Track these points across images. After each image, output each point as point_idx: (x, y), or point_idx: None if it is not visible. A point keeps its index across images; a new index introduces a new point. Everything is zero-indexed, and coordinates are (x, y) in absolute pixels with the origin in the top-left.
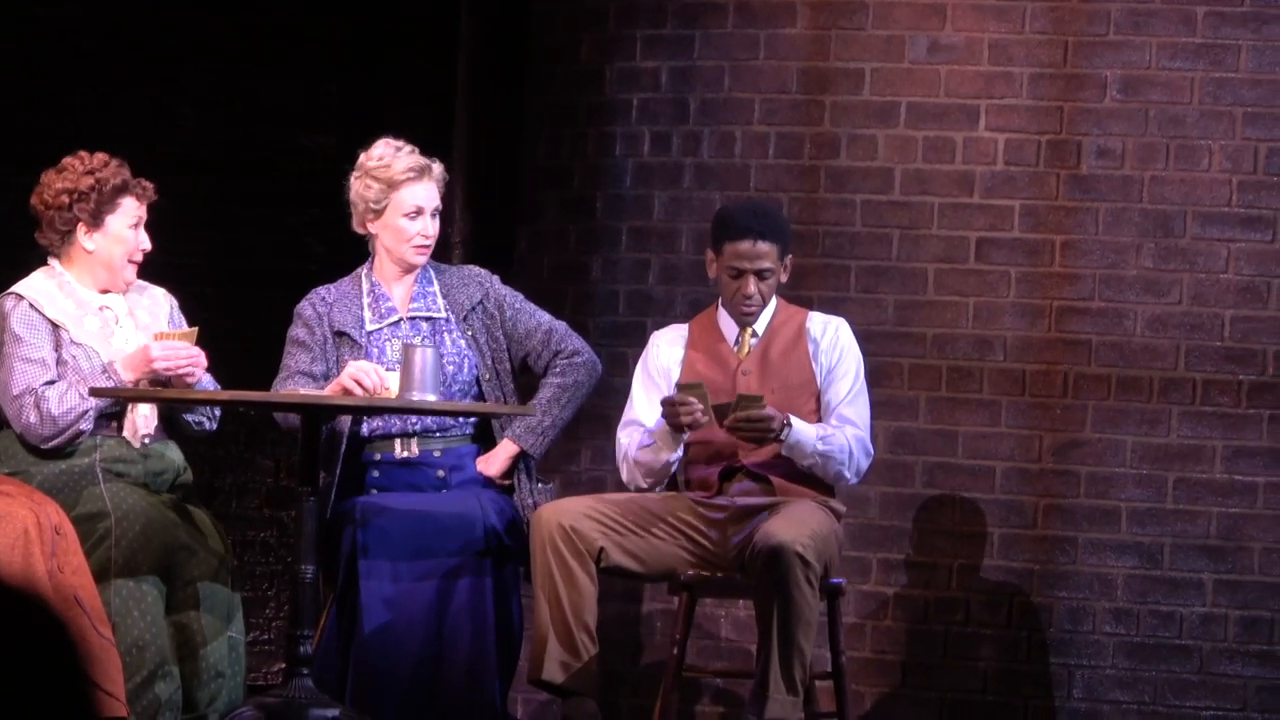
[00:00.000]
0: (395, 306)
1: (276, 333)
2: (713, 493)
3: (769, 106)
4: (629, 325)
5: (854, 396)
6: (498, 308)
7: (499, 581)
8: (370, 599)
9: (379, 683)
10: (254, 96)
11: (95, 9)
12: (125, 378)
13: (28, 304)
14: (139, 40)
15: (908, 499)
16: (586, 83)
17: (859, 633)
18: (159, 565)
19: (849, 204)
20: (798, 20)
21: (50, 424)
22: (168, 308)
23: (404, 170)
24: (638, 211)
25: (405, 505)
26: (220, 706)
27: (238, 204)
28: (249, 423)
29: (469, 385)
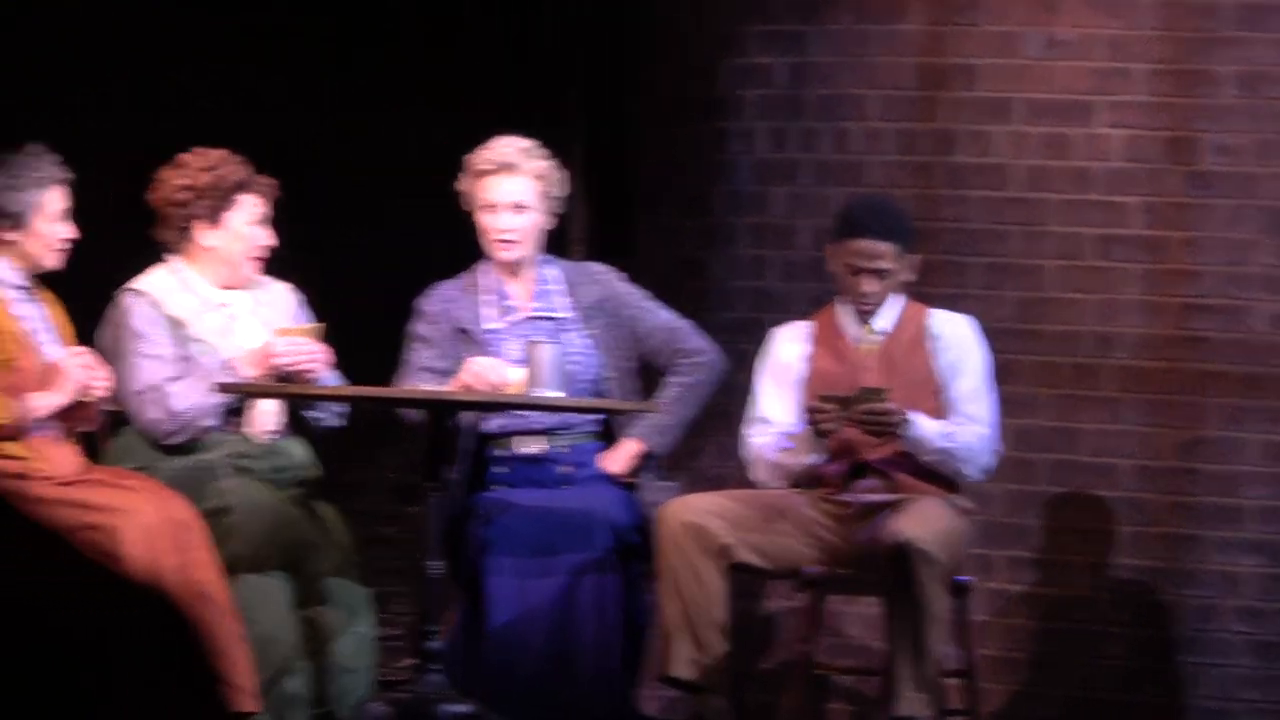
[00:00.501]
0: (516, 306)
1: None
2: (838, 490)
3: (885, 102)
4: (748, 322)
5: (978, 393)
6: (621, 306)
7: (625, 577)
8: (497, 595)
9: (507, 678)
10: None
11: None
12: (247, 374)
13: (147, 301)
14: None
15: (1032, 496)
16: (702, 79)
17: (987, 630)
18: (285, 560)
19: (966, 200)
20: (913, 17)
21: (173, 420)
22: (292, 304)
23: (483, 163)
24: (755, 208)
25: (531, 501)
26: (350, 701)
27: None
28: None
29: (592, 384)
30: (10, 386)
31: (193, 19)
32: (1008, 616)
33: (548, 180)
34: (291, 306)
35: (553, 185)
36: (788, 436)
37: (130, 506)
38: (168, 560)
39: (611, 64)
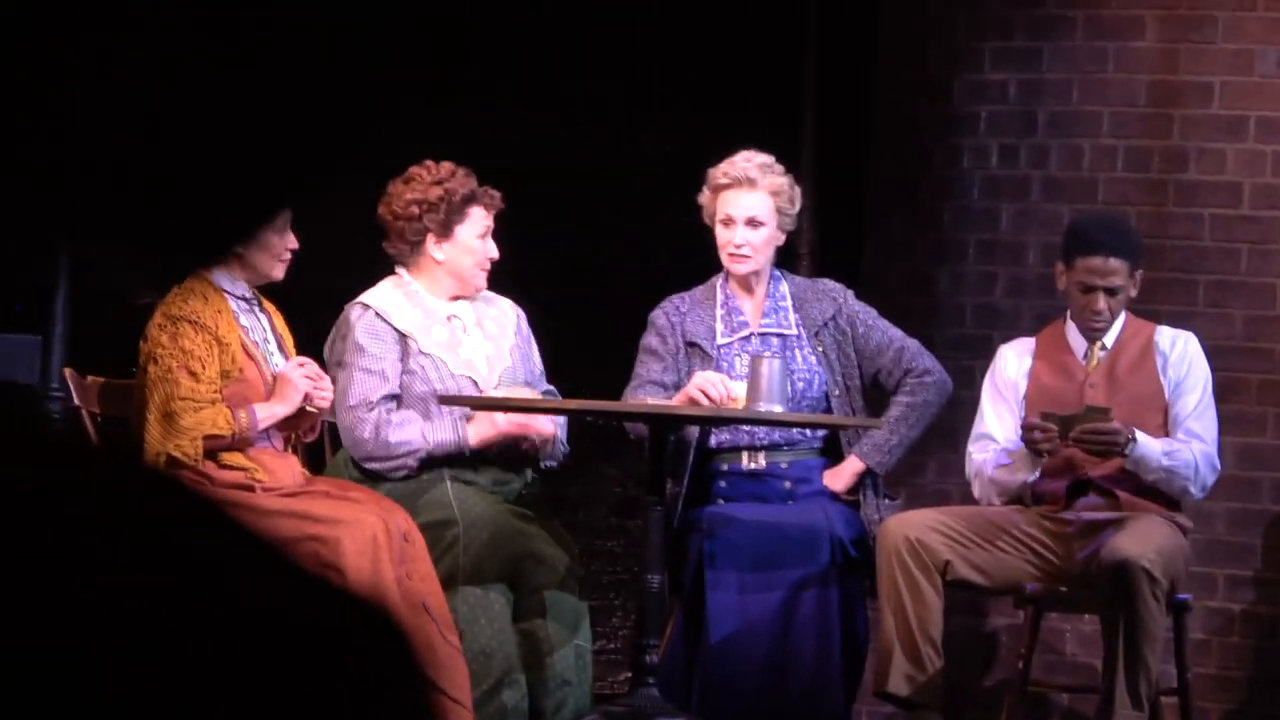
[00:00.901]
0: (747, 320)
1: (622, 341)
2: (1060, 507)
3: (1117, 119)
4: (975, 338)
5: (1201, 411)
6: (850, 324)
7: (844, 593)
8: (717, 609)
9: (724, 692)
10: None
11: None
12: (474, 443)
13: (374, 313)
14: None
15: (1255, 515)
16: (934, 95)
17: (1205, 649)
18: (506, 573)
19: (1197, 218)
20: (1147, 33)
21: (382, 448)
22: (514, 319)
23: (723, 176)
24: (985, 224)
25: (752, 516)
26: (567, 715)
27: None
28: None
29: (818, 401)
30: (235, 396)
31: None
32: (1226, 635)
33: (783, 196)
34: (515, 320)
35: (788, 201)
36: (1006, 453)
37: (352, 518)
38: (388, 572)
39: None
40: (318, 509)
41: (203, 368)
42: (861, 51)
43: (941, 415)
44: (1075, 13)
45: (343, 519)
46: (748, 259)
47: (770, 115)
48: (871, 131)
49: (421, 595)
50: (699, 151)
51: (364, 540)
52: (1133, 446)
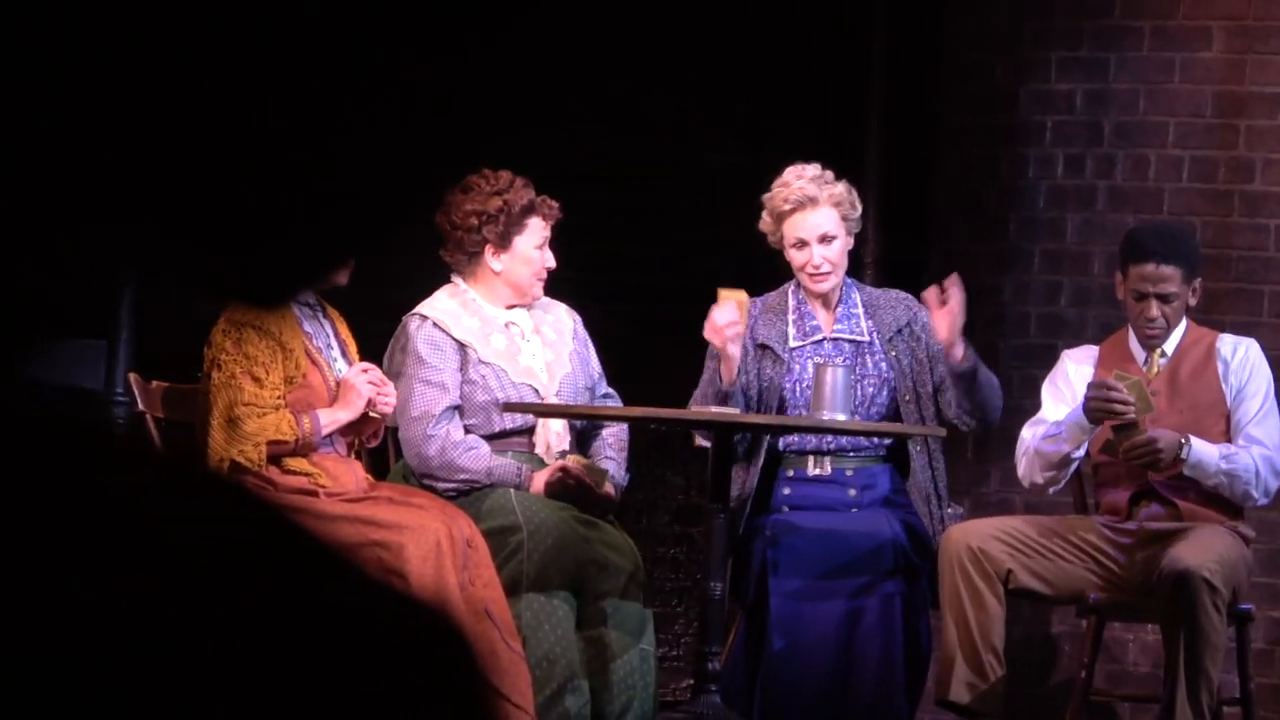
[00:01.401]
0: (820, 325)
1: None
2: (1122, 516)
3: (1183, 130)
4: (1040, 348)
5: (1263, 416)
6: (924, 331)
7: (908, 601)
8: (780, 616)
9: (787, 700)
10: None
11: None
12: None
13: (433, 324)
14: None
15: None
16: (999, 104)
17: (1268, 659)
18: (570, 580)
19: (1263, 229)
20: (1214, 44)
21: (444, 469)
22: (571, 324)
23: (783, 202)
24: (1050, 234)
25: (816, 524)
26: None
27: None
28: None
29: (886, 406)
30: (298, 402)
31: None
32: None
33: (845, 204)
34: (572, 325)
35: (850, 207)
36: (1055, 424)
37: (416, 524)
38: (451, 578)
39: (909, 88)
40: (381, 515)
41: (266, 373)
42: (926, 61)
43: (1005, 423)
44: (1142, 23)
45: (406, 525)
46: (828, 276)
47: (835, 125)
48: (936, 141)
49: (484, 601)
50: (764, 163)
51: (427, 546)
52: (1188, 451)
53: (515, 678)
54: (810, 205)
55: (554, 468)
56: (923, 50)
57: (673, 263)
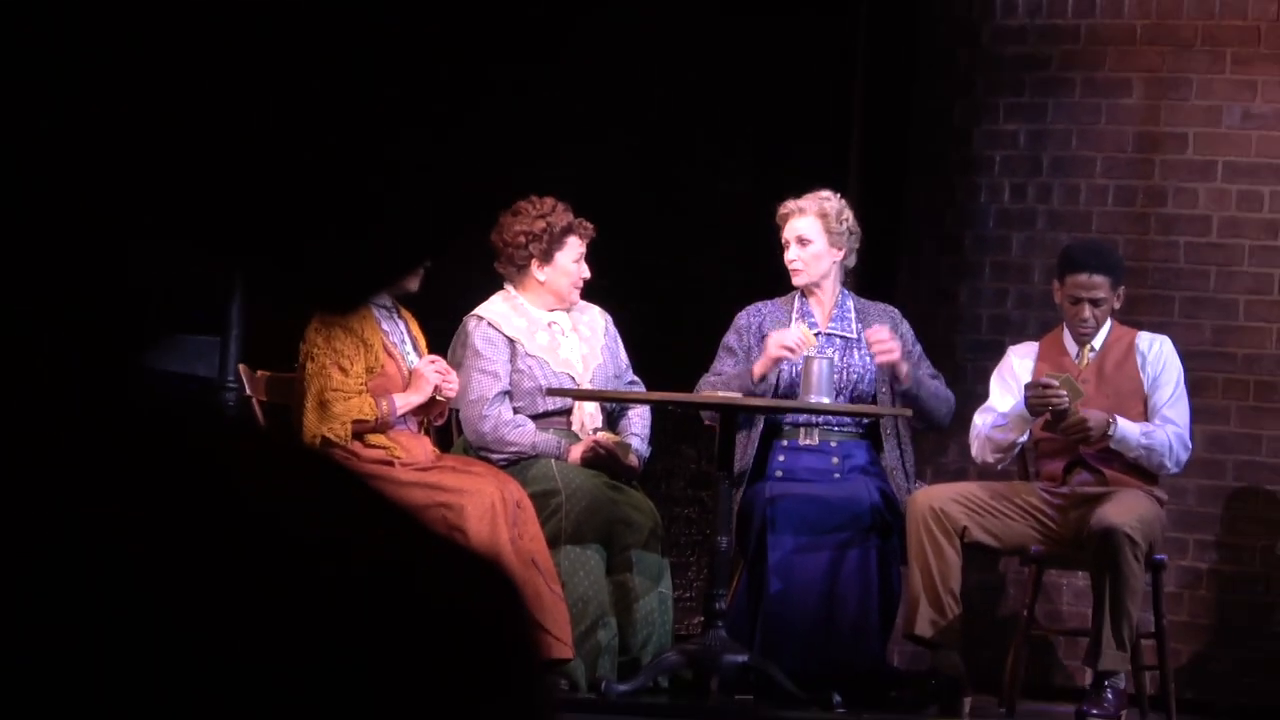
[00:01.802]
0: (817, 322)
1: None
2: (1058, 482)
3: (1109, 163)
4: (990, 343)
5: (1175, 400)
6: (902, 340)
7: (882, 554)
8: (777, 565)
9: (781, 634)
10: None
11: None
12: (574, 459)
13: (487, 324)
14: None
15: (1220, 490)
16: (958, 141)
17: (1177, 600)
18: (601, 534)
19: (1174, 245)
20: (1134, 92)
21: (496, 443)
22: (603, 323)
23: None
24: (998, 249)
25: (807, 490)
26: (651, 650)
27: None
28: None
29: (867, 394)
30: (377, 388)
31: None
32: (1195, 589)
33: (830, 217)
34: (602, 324)
35: (836, 220)
36: (1003, 416)
37: (475, 489)
38: (504, 534)
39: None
40: (446, 481)
41: (351, 364)
42: (899, 106)
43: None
44: (1075, 75)
45: (466, 489)
46: (800, 271)
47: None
48: (906, 171)
49: (531, 552)
50: (764, 189)
51: (484, 507)
52: (1114, 428)
53: (556, 615)
54: (799, 213)
55: (588, 442)
56: (896, 97)
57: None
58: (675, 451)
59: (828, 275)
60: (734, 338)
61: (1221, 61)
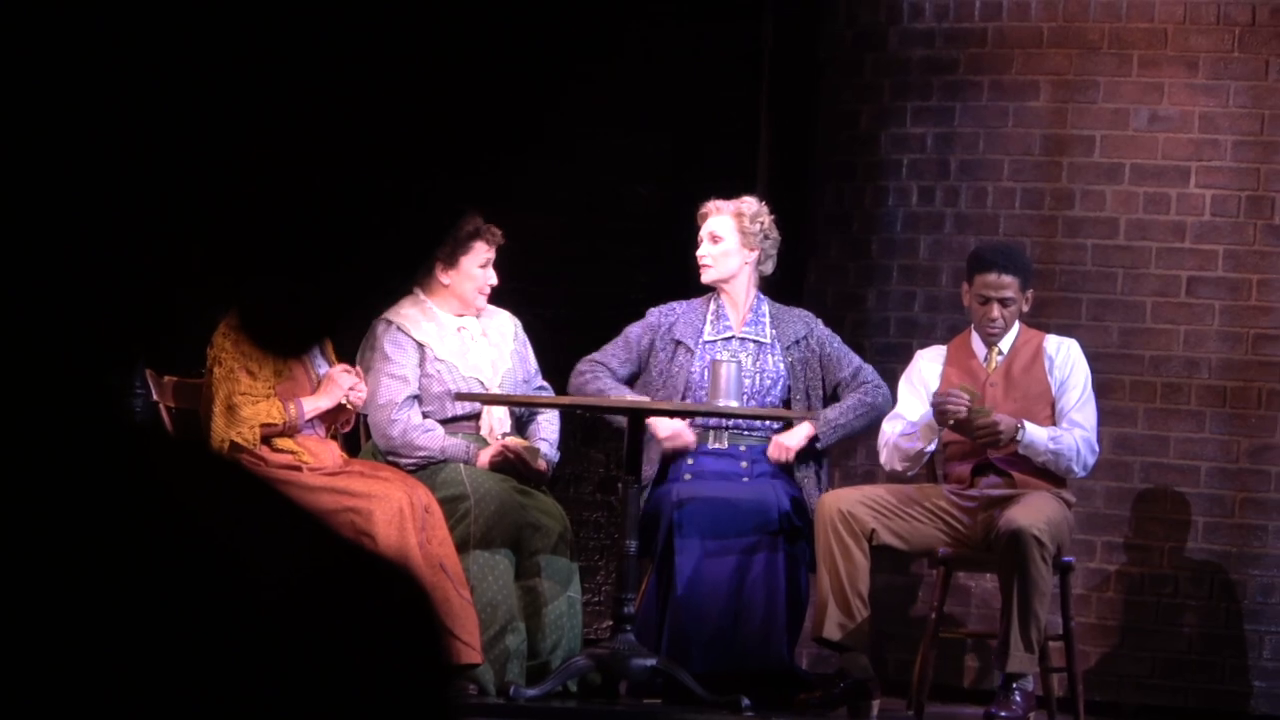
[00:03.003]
0: (731, 325)
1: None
2: (966, 485)
3: (1016, 166)
4: (898, 346)
5: (1082, 404)
6: (819, 344)
7: (789, 557)
8: (684, 568)
9: (689, 637)
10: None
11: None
12: (483, 463)
13: (396, 327)
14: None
15: (1127, 492)
16: (865, 145)
17: (1085, 602)
18: (510, 539)
19: (1081, 247)
20: (1041, 95)
21: (405, 448)
22: (513, 328)
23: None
24: (906, 252)
25: (714, 492)
26: (560, 655)
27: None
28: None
29: (779, 400)
30: (284, 392)
31: None
32: (1103, 591)
33: (744, 218)
34: (513, 329)
35: (750, 222)
36: (911, 424)
37: (383, 494)
38: (412, 539)
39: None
40: (354, 486)
41: (258, 368)
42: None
43: None
44: (982, 78)
45: (375, 494)
46: (708, 267)
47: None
48: (814, 177)
49: (439, 557)
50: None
51: (392, 512)
52: (1022, 434)
53: (465, 620)
54: (716, 212)
55: (497, 447)
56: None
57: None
58: (583, 456)
59: (737, 275)
60: (638, 330)
61: (1128, 64)
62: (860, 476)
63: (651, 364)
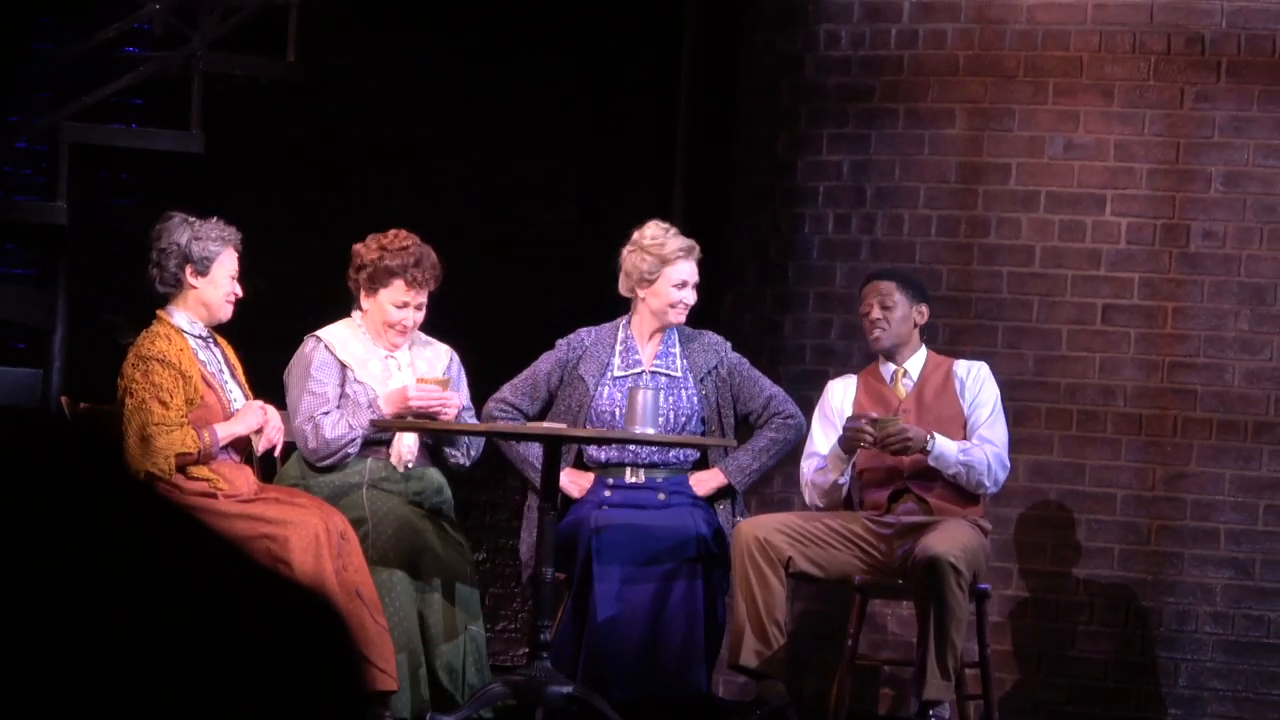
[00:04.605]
0: (641, 360)
1: None
2: (882, 511)
3: (931, 193)
4: (814, 373)
5: (993, 421)
6: (730, 373)
7: (708, 583)
8: (602, 595)
9: (607, 664)
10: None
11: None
12: (385, 411)
13: (324, 345)
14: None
15: (1044, 519)
16: (781, 172)
17: (1002, 629)
18: (406, 562)
19: (997, 275)
20: (957, 123)
21: (324, 446)
22: (447, 361)
23: (675, 250)
24: (822, 279)
25: (632, 520)
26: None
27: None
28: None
29: (696, 431)
30: (198, 419)
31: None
32: (1020, 618)
33: None
34: (445, 362)
35: None
36: (822, 458)
37: (299, 520)
38: (328, 565)
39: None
40: (270, 512)
41: (170, 397)
42: (722, 136)
43: None
44: (898, 106)
45: (290, 520)
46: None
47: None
48: (730, 202)
49: (355, 584)
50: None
51: (308, 538)
52: (932, 444)
53: (381, 647)
54: (691, 255)
55: (400, 390)
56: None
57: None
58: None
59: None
60: (545, 367)
61: (1044, 92)
62: (777, 504)
63: (559, 398)
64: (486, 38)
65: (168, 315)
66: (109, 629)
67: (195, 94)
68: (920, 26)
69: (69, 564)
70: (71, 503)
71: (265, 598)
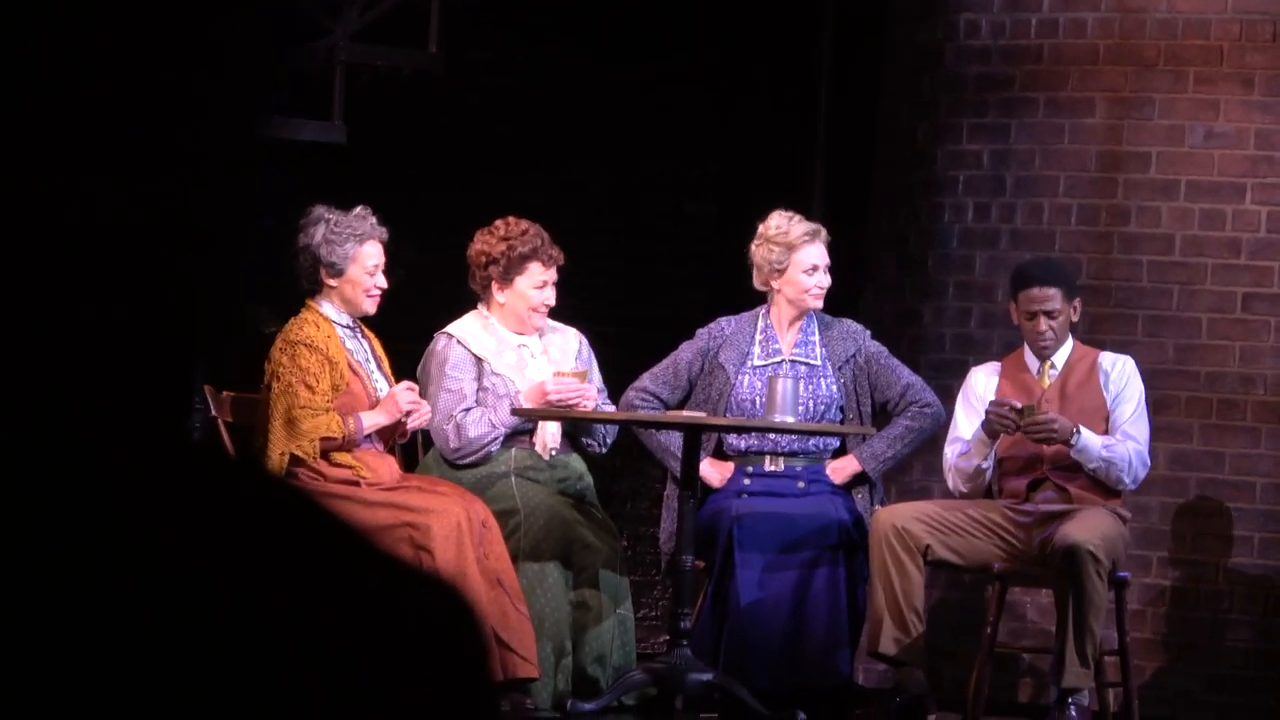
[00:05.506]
0: (781, 348)
1: None
2: (1021, 500)
3: (1071, 182)
4: (953, 362)
5: (1136, 418)
6: (868, 362)
7: (850, 571)
8: (745, 584)
9: (749, 652)
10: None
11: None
12: (528, 405)
13: (456, 341)
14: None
15: (1183, 507)
16: (921, 162)
17: (1140, 617)
18: (559, 553)
19: (1137, 264)
20: (1096, 112)
21: (467, 445)
22: (577, 345)
23: (800, 235)
24: (962, 268)
25: (773, 508)
26: (609, 671)
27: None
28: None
29: (835, 420)
30: (343, 406)
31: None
32: (1158, 606)
33: None
34: (575, 346)
35: None
36: (965, 443)
37: (441, 509)
38: (470, 553)
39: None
40: (412, 501)
41: (317, 382)
42: (863, 127)
43: None
44: (1038, 95)
45: (433, 509)
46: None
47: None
48: (870, 193)
49: (497, 572)
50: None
51: (450, 526)
52: (1077, 438)
53: (522, 634)
54: (818, 238)
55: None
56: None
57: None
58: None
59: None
60: (688, 356)
61: (1184, 81)
62: (916, 492)
63: (699, 387)
64: (625, 35)
65: (316, 304)
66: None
67: (337, 84)
68: (1060, 15)
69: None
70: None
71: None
